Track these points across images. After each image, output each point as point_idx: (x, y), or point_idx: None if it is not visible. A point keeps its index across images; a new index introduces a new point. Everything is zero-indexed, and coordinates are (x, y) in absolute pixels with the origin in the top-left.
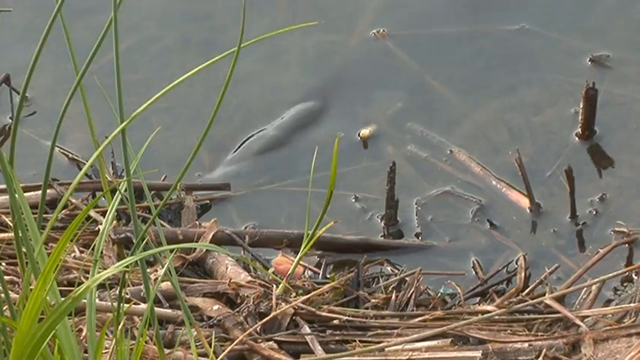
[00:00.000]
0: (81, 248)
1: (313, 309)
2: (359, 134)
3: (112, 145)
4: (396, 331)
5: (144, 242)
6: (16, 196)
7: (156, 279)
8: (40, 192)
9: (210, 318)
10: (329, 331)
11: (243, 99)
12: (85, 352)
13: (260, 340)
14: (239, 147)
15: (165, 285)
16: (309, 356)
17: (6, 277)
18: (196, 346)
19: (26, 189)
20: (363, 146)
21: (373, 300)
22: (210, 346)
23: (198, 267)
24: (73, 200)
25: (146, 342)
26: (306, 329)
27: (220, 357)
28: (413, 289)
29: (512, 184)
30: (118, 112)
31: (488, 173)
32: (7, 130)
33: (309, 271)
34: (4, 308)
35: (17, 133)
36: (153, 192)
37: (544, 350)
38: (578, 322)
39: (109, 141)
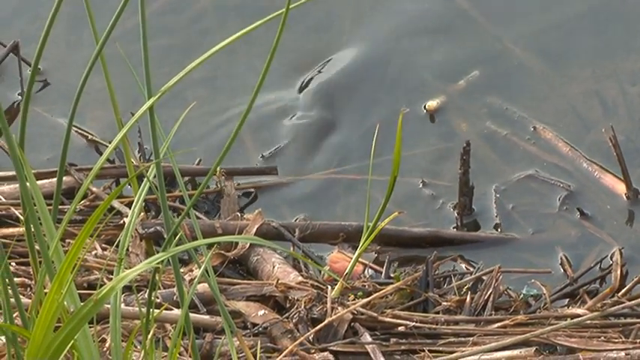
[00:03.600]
0: (103, 245)
1: (375, 314)
2: (425, 107)
3: (139, 125)
4: (471, 339)
5: (177, 237)
6: (28, 184)
7: (191, 280)
8: (55, 179)
9: (254, 325)
10: (393, 339)
11: (293, 68)
12: None
13: (313, 351)
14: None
15: (202, 287)
16: None
17: (16, 279)
18: (239, 358)
19: (39, 176)
20: (430, 120)
21: (445, 303)
22: (255, 358)
23: (241, 266)
24: (94, 189)
25: (180, 353)
26: (367, 337)
27: None
28: (491, 290)
29: (605, 167)
30: (145, 85)
31: (579, 154)
32: (16, 108)
33: (370, 270)
34: (15, 315)
35: (28, 110)
36: (187, 178)
37: None
38: None
39: (135, 119)
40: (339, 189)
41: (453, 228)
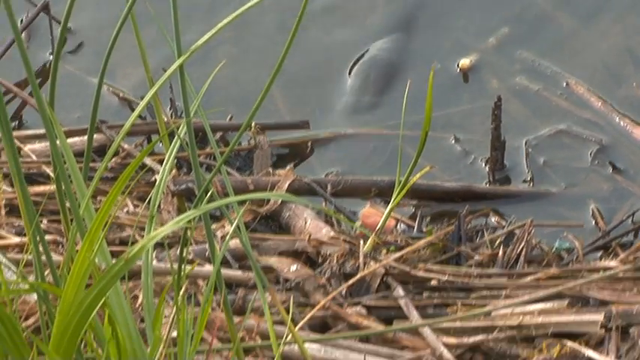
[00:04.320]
0: (135, 202)
1: (407, 268)
2: (458, 65)
3: (171, 81)
4: (503, 292)
5: (208, 194)
6: (58, 142)
7: (223, 236)
8: (85, 137)
9: (287, 280)
10: (426, 293)
11: (323, 27)
12: (142, 321)
13: (346, 305)
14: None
15: (234, 243)
16: (403, 322)
17: (48, 237)
18: (271, 313)
19: (70, 134)
20: (464, 79)
21: (477, 257)
22: (288, 313)
23: (273, 221)
24: (125, 146)
25: (212, 309)
26: (400, 291)
27: (299, 325)
28: (523, 244)
29: (637, 121)
30: (175, 42)
31: (611, 108)
32: (48, 68)
33: (402, 225)
34: (46, 273)
35: (58, 69)
36: (218, 136)
37: None
38: None
39: (166, 77)
40: (372, 145)
41: (485, 183)
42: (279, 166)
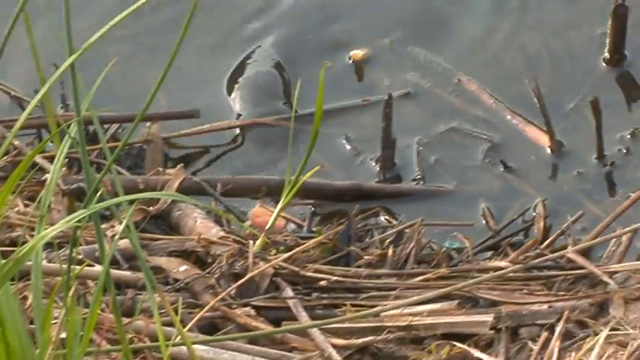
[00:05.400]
0: (25, 201)
1: (297, 268)
2: (350, 57)
3: (63, 77)
4: (393, 292)
5: (98, 193)
6: None
7: (113, 236)
8: None
9: (176, 281)
10: (315, 293)
11: (215, 25)
12: (31, 322)
13: (235, 306)
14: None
15: (124, 243)
16: (292, 323)
17: None
18: (160, 314)
19: None
20: (356, 71)
21: (367, 257)
22: (177, 314)
23: (163, 221)
24: (17, 142)
25: (101, 310)
26: (289, 292)
27: (188, 326)
28: (413, 244)
29: (529, 119)
30: (67, 40)
31: (502, 106)
32: None
33: (292, 224)
34: None
35: None
36: (109, 135)
37: (566, 312)
38: (606, 279)
39: (56, 77)
40: (263, 142)
41: (376, 181)
42: (171, 165)
